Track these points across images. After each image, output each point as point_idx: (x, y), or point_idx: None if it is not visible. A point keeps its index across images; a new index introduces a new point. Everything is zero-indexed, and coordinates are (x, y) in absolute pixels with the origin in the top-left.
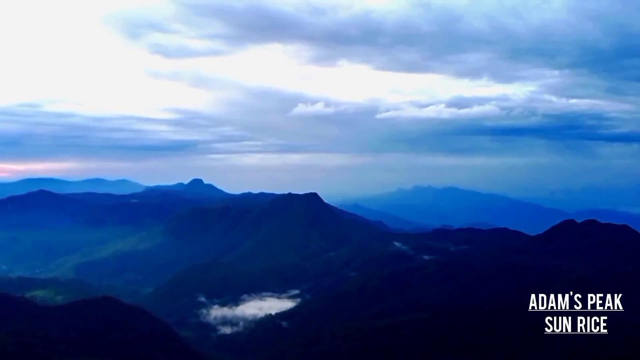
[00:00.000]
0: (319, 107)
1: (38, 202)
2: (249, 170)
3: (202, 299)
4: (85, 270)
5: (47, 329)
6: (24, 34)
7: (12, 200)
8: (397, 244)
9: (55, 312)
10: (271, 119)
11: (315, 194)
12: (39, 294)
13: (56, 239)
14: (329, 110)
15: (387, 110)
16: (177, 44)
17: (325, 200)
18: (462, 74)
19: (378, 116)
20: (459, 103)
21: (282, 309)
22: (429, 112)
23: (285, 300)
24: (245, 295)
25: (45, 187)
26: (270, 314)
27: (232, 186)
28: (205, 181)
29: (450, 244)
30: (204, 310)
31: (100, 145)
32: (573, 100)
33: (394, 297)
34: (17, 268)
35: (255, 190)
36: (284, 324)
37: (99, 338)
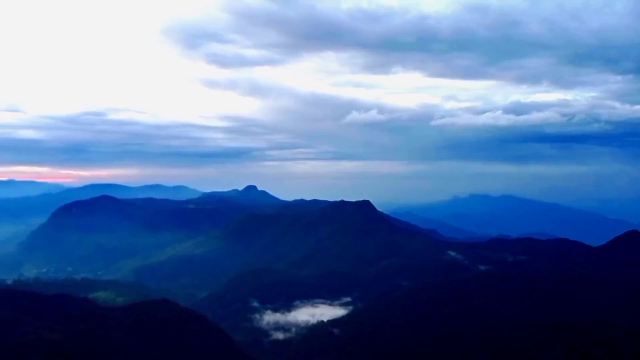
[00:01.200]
0: (372, 115)
1: (101, 206)
2: (301, 177)
3: (255, 304)
4: (144, 273)
5: (108, 329)
6: (89, 47)
7: (77, 204)
8: (451, 253)
9: (116, 313)
10: (324, 126)
11: (367, 202)
12: (100, 295)
13: (117, 242)
14: (382, 118)
15: (442, 117)
16: (233, 54)
17: (377, 208)
18: (520, 79)
19: (432, 123)
20: (517, 109)
21: (334, 316)
22: (486, 119)
23: (337, 307)
24: (297, 302)
25: (108, 193)
26: (322, 321)
27: (285, 193)
28: (259, 188)
29: (508, 254)
30: (256, 315)
31: (159, 152)
32: (638, 107)
33: (447, 307)
34: (81, 270)
35: (308, 197)
36: (336, 331)
37: (157, 339)
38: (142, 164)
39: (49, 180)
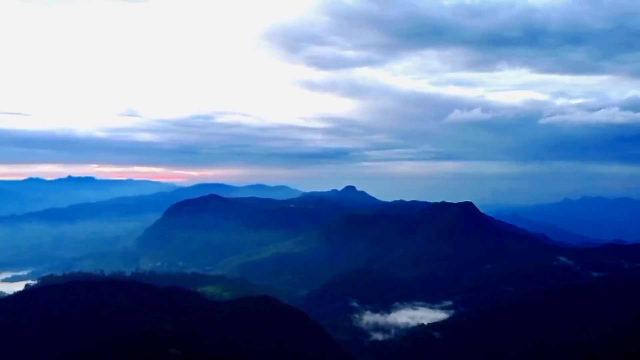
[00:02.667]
0: (475, 113)
1: (209, 205)
2: (401, 177)
3: (355, 304)
4: (248, 270)
5: (215, 321)
6: (198, 54)
7: (187, 203)
8: (561, 258)
9: (222, 307)
10: (425, 126)
11: (470, 203)
12: (208, 289)
13: (223, 239)
14: (487, 116)
15: (552, 115)
16: (332, 55)
17: (481, 210)
18: (638, 73)
19: (541, 121)
20: (635, 106)
21: (435, 320)
22: (600, 116)
23: (438, 311)
24: (397, 303)
25: (215, 192)
26: (423, 324)
27: (384, 194)
28: (358, 188)
29: (624, 261)
30: (356, 315)
31: (262, 153)
32: None
33: (556, 315)
34: (191, 265)
35: (408, 198)
36: (437, 334)
37: (260, 333)
38: (246, 165)
39: (163, 180)
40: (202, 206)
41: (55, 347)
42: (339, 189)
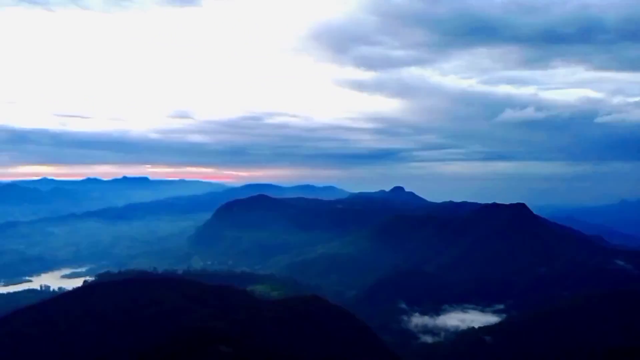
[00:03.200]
0: (528, 112)
1: (258, 205)
2: (451, 178)
3: (403, 305)
4: (296, 269)
5: (265, 320)
6: (247, 56)
7: (237, 203)
8: (618, 262)
9: (271, 306)
10: (476, 125)
11: (523, 205)
12: (257, 288)
13: (272, 239)
14: (540, 115)
15: (609, 113)
16: (381, 55)
17: (534, 212)
18: None
19: (597, 120)
20: None
21: (486, 323)
22: None
23: (489, 314)
24: (446, 306)
25: (264, 192)
26: (473, 327)
27: (434, 194)
28: (407, 189)
29: None
30: (404, 317)
31: (310, 153)
32: None
33: (613, 320)
34: (240, 263)
35: (458, 199)
36: (488, 339)
37: (309, 333)
38: (295, 165)
39: (214, 180)
40: (251, 206)
41: (111, 342)
42: (387, 189)
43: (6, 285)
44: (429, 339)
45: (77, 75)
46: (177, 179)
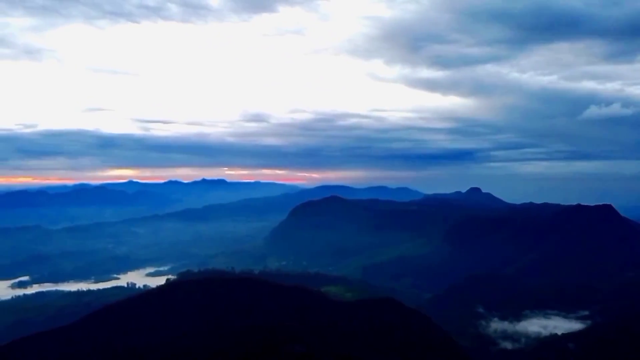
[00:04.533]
0: (614, 109)
1: (331, 207)
2: (531, 179)
3: (481, 310)
4: (369, 271)
5: (339, 321)
6: (319, 59)
7: (310, 204)
8: None
9: (345, 307)
10: (557, 123)
11: (609, 206)
12: (331, 289)
13: (345, 240)
14: (627, 112)
15: None
16: (455, 53)
17: (621, 213)
18: None
19: None
20: None
21: (570, 330)
22: None
23: (573, 320)
24: (527, 311)
25: (337, 194)
26: (556, 334)
27: (512, 196)
28: (484, 190)
29: None
30: (482, 322)
31: (382, 154)
32: None
33: None
34: (314, 264)
35: (538, 200)
36: (571, 346)
37: (383, 336)
38: (367, 167)
39: (287, 182)
40: (325, 208)
41: (191, 337)
42: (463, 190)
43: (96, 282)
44: (508, 345)
45: (158, 83)
46: (252, 180)
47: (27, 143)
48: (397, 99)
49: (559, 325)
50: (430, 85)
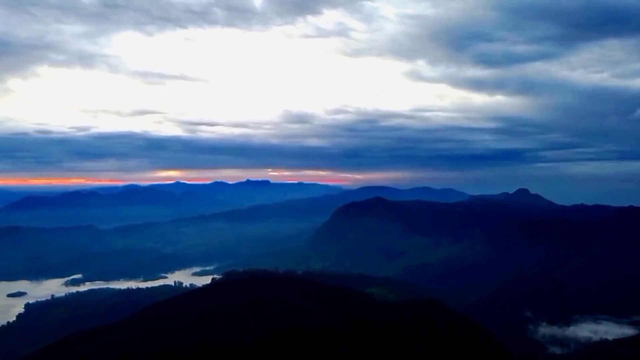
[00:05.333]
0: None
1: (374, 208)
2: (581, 179)
3: (529, 314)
4: (413, 273)
5: (382, 323)
6: (362, 59)
7: (353, 206)
8: None
9: (389, 309)
10: (609, 122)
11: None
12: (374, 290)
13: (389, 242)
14: None
15: None
16: (502, 52)
17: None
18: None
19: None
20: None
21: (622, 336)
22: None
23: (626, 326)
24: (577, 316)
25: (380, 195)
26: (607, 340)
27: (562, 197)
28: (532, 191)
29: None
30: (530, 326)
31: (427, 155)
32: None
33: None
34: (357, 266)
35: (589, 202)
36: (623, 352)
37: (428, 339)
38: (411, 168)
39: (330, 183)
40: (368, 209)
41: (237, 336)
42: (511, 192)
43: (145, 280)
44: (557, 350)
45: (204, 86)
46: (295, 181)
47: (81, 145)
48: (441, 98)
49: (610, 330)
50: (476, 85)
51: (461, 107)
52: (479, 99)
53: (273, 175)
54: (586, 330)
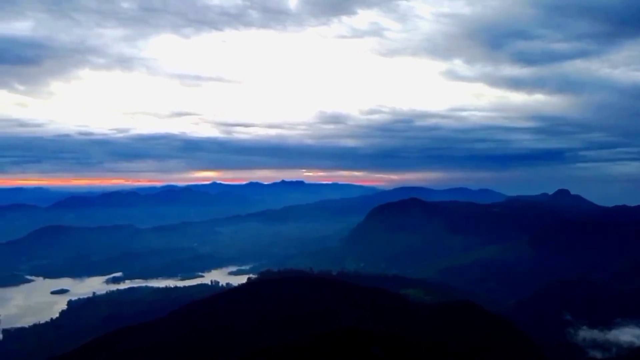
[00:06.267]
0: None
1: (410, 208)
2: (623, 180)
3: (569, 317)
4: (449, 274)
5: (418, 324)
6: (397, 59)
7: (388, 206)
8: None
9: (425, 311)
10: None
11: None
12: (410, 292)
13: (424, 243)
14: None
15: None
16: (540, 50)
17: None
18: None
19: None
20: None
21: None
22: None
23: None
24: (619, 319)
25: (416, 195)
26: None
27: (604, 198)
28: (572, 192)
29: None
30: (570, 330)
31: (463, 155)
32: None
33: None
34: (392, 267)
35: (633, 203)
36: None
37: (464, 341)
38: (447, 168)
39: (365, 184)
40: (403, 209)
41: (271, 336)
42: (550, 192)
43: (182, 279)
44: (598, 354)
45: (239, 87)
46: (330, 182)
47: (120, 147)
48: (478, 98)
49: None
50: (514, 84)
51: (499, 106)
52: (517, 98)
53: (307, 175)
54: (629, 335)
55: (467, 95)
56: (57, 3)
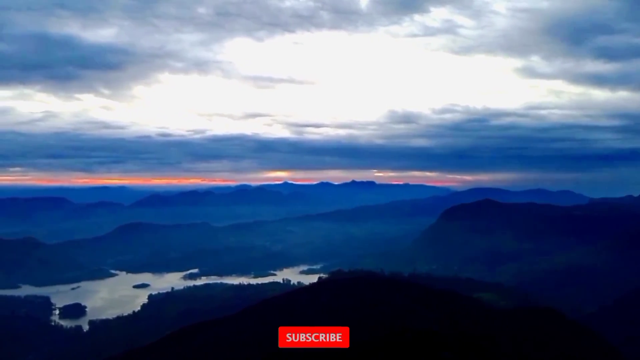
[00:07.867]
0: None
1: (484, 210)
2: None
3: None
4: (526, 279)
5: (492, 330)
6: (470, 58)
7: (462, 208)
8: None
9: (499, 316)
10: None
11: None
12: (484, 296)
13: (499, 246)
14: None
15: None
16: (624, 45)
17: None
18: None
19: None
20: None
21: None
22: None
23: None
24: None
25: (490, 197)
26: None
27: None
28: None
29: None
30: None
31: (540, 155)
32: None
33: None
34: (465, 270)
35: None
36: None
37: (540, 349)
38: (523, 168)
39: (437, 185)
40: (477, 211)
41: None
42: (636, 194)
43: (256, 277)
44: None
45: (310, 88)
46: (401, 183)
47: (197, 148)
48: (557, 95)
49: None
50: (596, 80)
51: (580, 104)
52: (600, 95)
53: (378, 176)
54: None
55: (545, 93)
56: (139, 10)
